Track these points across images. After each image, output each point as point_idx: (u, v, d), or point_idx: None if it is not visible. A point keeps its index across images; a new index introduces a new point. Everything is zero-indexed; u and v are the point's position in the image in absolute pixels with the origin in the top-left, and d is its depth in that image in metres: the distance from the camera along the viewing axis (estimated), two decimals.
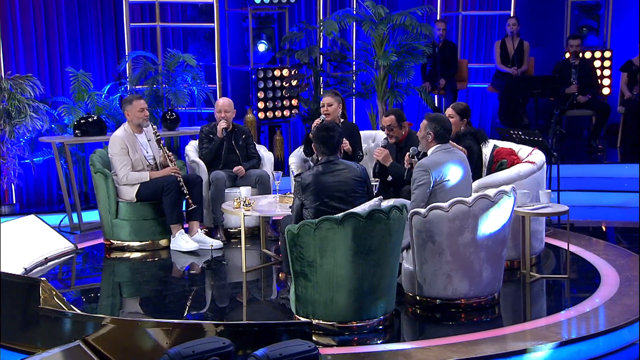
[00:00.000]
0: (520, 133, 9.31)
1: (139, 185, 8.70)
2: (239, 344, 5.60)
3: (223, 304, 7.53)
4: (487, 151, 8.23)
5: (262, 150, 9.56)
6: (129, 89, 11.29)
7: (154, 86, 11.14)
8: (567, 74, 12.68)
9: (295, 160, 9.11)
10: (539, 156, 8.00)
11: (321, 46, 12.08)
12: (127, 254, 8.76)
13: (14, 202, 10.84)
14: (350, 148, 8.54)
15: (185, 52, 11.61)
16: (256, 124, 11.86)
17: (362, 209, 6.26)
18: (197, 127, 11.07)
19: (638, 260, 7.97)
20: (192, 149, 9.39)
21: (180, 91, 11.11)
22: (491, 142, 8.35)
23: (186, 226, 8.84)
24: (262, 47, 12.33)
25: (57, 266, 8.52)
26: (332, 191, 6.50)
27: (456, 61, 13.23)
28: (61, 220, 10.02)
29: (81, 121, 10.04)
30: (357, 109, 13.13)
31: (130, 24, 11.50)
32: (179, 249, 8.68)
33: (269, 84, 12.09)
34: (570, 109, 12.45)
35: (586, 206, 10.49)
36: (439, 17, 13.70)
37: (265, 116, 12.12)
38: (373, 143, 9.38)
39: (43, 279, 6.21)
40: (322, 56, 12.07)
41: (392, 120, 8.27)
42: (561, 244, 8.62)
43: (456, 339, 6.24)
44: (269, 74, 12.10)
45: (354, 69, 12.17)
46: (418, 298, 6.91)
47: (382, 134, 9.21)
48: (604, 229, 10.04)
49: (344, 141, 8.12)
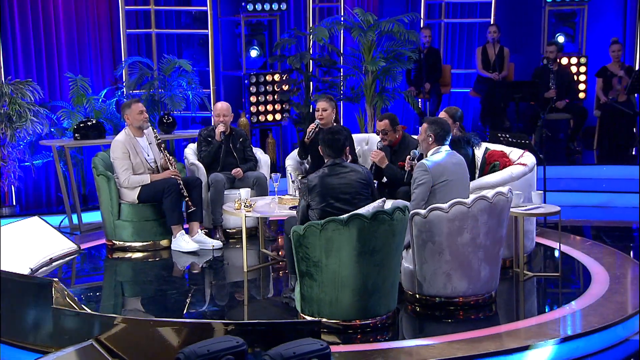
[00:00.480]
0: (507, 136, 9.26)
1: (140, 188, 8.57)
2: (248, 342, 5.45)
3: (226, 303, 7.38)
4: (479, 153, 8.17)
5: (259, 153, 9.45)
6: (125, 93, 11.17)
7: (151, 91, 11.01)
8: (546, 79, 12.66)
9: (291, 162, 9.05)
10: (529, 158, 7.94)
11: (311, 52, 11.97)
12: (129, 254, 8.62)
13: (14, 203, 10.68)
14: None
15: (179, 58, 11.51)
16: (249, 127, 11.74)
17: (366, 210, 6.17)
18: (192, 131, 11.04)
19: (626, 258, 7.96)
20: (191, 151, 9.26)
21: (176, 95, 10.99)
22: (483, 145, 8.28)
23: (186, 227, 8.71)
24: (254, 53, 12.23)
25: (61, 266, 8.37)
26: (338, 193, 6.39)
27: (440, 66, 13.19)
28: (61, 222, 9.85)
29: (80, 125, 9.88)
30: (345, 113, 13.04)
31: (127, 30, 11.37)
32: (179, 249, 8.55)
33: (260, 88, 11.98)
34: (550, 112, 12.45)
35: (567, 206, 10.36)
36: (422, 25, 13.65)
37: (257, 120, 12.00)
38: (366, 146, 9.28)
39: (55, 279, 6.06)
40: (312, 61, 11.97)
41: (386, 124, 8.21)
42: (549, 242, 8.61)
43: (458, 336, 6.15)
44: (260, 78, 11.98)
45: (341, 73, 12.09)
46: (417, 296, 6.81)
47: (374, 137, 9.15)
48: (590, 228, 10.03)
49: None
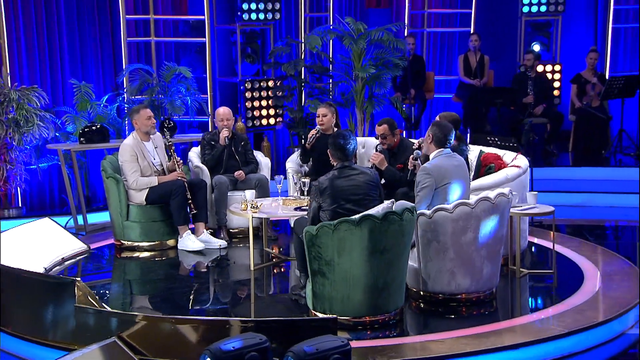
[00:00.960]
0: (496, 139, 9.28)
1: (148, 190, 8.49)
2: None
3: (234, 300, 7.29)
4: (472, 156, 8.16)
5: (259, 156, 9.39)
6: (126, 99, 11.08)
7: (152, 96, 10.91)
8: (525, 85, 12.71)
9: (292, 165, 9.05)
10: (523, 160, 7.97)
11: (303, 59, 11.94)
12: (137, 254, 8.53)
13: (20, 205, 10.54)
14: None
15: (178, 65, 11.41)
16: (245, 131, 11.67)
17: (376, 211, 6.14)
18: (191, 135, 10.98)
19: (613, 255, 8.00)
20: (194, 155, 9.19)
21: (175, 101, 10.91)
22: (477, 148, 8.28)
23: (192, 227, 8.63)
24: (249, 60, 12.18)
25: (72, 266, 8.26)
26: (348, 194, 6.35)
27: (424, 73, 13.19)
28: (67, 222, 9.72)
29: (85, 129, 9.79)
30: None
31: (127, 38, 11.28)
32: (186, 248, 8.47)
33: (255, 94, 11.92)
34: (528, 117, 12.48)
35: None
36: (406, 33, 13.65)
37: (253, 124, 11.94)
38: (363, 149, 9.26)
39: (78, 278, 5.97)
40: (304, 68, 11.93)
41: (385, 129, 8.23)
42: (539, 241, 8.63)
43: (466, 331, 6.13)
44: (255, 85, 11.92)
45: (331, 80, 12.05)
46: (422, 293, 6.79)
47: (371, 140, 9.14)
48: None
49: None
